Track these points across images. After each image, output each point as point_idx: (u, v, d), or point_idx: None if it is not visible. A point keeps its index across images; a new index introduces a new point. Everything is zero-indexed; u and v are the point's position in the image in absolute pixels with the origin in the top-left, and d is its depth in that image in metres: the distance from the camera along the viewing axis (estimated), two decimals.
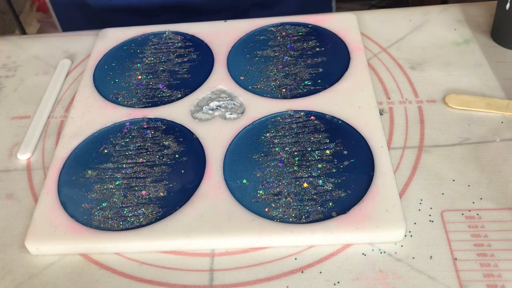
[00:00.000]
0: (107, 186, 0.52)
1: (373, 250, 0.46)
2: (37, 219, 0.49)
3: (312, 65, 0.62)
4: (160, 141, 0.56)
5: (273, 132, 0.55)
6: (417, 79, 0.61)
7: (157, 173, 0.52)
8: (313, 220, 0.47)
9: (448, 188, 0.50)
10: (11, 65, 0.70)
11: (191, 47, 0.67)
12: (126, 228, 0.48)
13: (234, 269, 0.46)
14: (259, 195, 0.49)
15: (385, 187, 0.48)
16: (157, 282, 0.45)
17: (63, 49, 0.72)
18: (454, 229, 0.47)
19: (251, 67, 0.63)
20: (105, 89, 0.63)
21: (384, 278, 0.44)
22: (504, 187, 0.49)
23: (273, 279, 0.45)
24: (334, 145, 0.53)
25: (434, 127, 0.55)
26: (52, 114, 0.62)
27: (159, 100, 0.61)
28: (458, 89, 0.59)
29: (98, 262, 0.47)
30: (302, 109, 0.57)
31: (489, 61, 0.62)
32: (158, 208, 0.49)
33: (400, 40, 0.66)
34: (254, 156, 0.53)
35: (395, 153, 0.53)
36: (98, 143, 0.56)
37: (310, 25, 0.68)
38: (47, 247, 0.48)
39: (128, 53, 0.68)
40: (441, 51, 0.64)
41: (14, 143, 0.59)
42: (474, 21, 0.68)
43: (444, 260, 0.45)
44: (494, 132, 0.54)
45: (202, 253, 0.47)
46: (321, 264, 0.45)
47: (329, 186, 0.49)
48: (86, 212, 0.50)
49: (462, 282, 0.43)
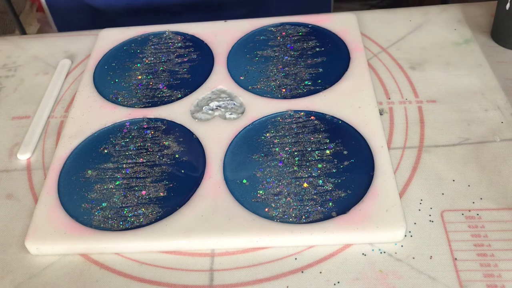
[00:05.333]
0: (107, 186, 0.52)
1: (373, 250, 0.46)
2: (37, 219, 0.49)
3: (312, 65, 0.62)
4: (160, 141, 0.56)
5: (273, 132, 0.55)
6: (417, 79, 0.61)
7: (157, 173, 0.52)
8: (313, 220, 0.47)
9: (448, 188, 0.50)
10: (11, 65, 0.70)
11: (191, 47, 0.67)
12: (126, 228, 0.48)
13: (234, 269, 0.46)
14: (259, 195, 0.49)
15: (385, 187, 0.48)
16: (157, 282, 0.45)
17: (63, 49, 0.72)
18: (454, 229, 0.47)
19: (251, 67, 0.63)
20: (105, 89, 0.63)
21: (384, 278, 0.44)
22: (504, 187, 0.49)
23: (273, 279, 0.45)
24: (334, 145, 0.53)
25: (434, 127, 0.55)
26: (52, 114, 0.62)
27: (159, 100, 0.61)
28: (458, 89, 0.59)
29: (98, 262, 0.47)
30: (302, 109, 0.57)
31: (489, 61, 0.62)
32: (158, 208, 0.49)
33: (400, 40, 0.66)
34: (254, 156, 0.53)
35: (395, 153, 0.53)
36: (98, 143, 0.56)
37: (310, 25, 0.68)
38: (47, 247, 0.48)
39: (128, 53, 0.68)
40: (441, 51, 0.64)
41: (14, 143, 0.59)
42: (474, 21, 0.68)
43: (444, 260, 0.45)
44: (494, 132, 0.54)
45: (202, 253, 0.47)
46: (321, 264, 0.45)
47: (329, 186, 0.49)
48: (86, 212, 0.50)
49: (462, 282, 0.43)
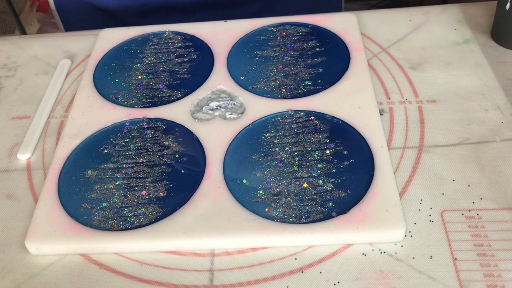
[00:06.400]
0: (107, 186, 0.52)
1: (373, 250, 0.46)
2: (37, 219, 0.49)
3: (312, 65, 0.62)
4: (160, 141, 0.56)
5: (273, 132, 0.55)
6: (417, 79, 0.61)
7: (157, 173, 0.52)
8: (313, 220, 0.47)
9: (448, 188, 0.50)
10: (11, 65, 0.70)
11: (191, 47, 0.67)
12: (126, 228, 0.48)
13: (234, 269, 0.46)
14: (259, 195, 0.49)
15: (385, 187, 0.48)
16: (157, 282, 0.45)
17: (63, 49, 0.72)
18: (454, 229, 0.47)
19: (251, 67, 0.63)
20: (105, 89, 0.63)
21: (384, 278, 0.44)
22: (504, 187, 0.49)
23: (273, 279, 0.45)
24: (334, 145, 0.53)
25: (434, 127, 0.55)
26: (52, 114, 0.62)
27: (159, 100, 0.60)
28: (458, 89, 0.59)
29: (98, 262, 0.47)
30: (302, 109, 0.57)
31: (489, 61, 0.62)
32: (158, 208, 0.49)
33: (400, 40, 0.66)
34: (254, 156, 0.53)
35: (395, 153, 0.53)
36: (98, 143, 0.56)
37: (310, 25, 0.68)
38: (47, 247, 0.48)
39: (128, 53, 0.68)
40: (441, 51, 0.64)
41: (14, 143, 0.59)
42: (474, 21, 0.68)
43: (444, 260, 0.45)
44: (494, 132, 0.54)
45: (202, 253, 0.47)
46: (321, 264, 0.45)
47: (329, 186, 0.49)
48: (86, 212, 0.50)
49: (462, 282, 0.43)
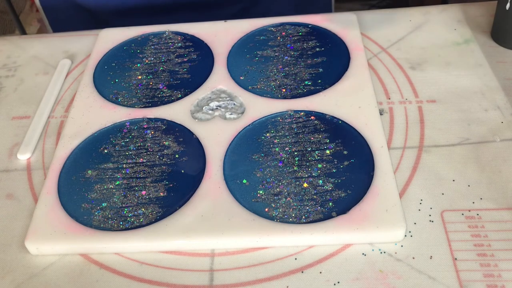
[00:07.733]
0: (107, 186, 0.52)
1: (373, 250, 0.46)
2: (37, 219, 0.49)
3: (312, 65, 0.62)
4: (160, 141, 0.56)
5: (273, 132, 0.55)
6: (417, 79, 0.61)
7: (157, 173, 0.52)
8: (313, 220, 0.47)
9: (448, 188, 0.50)
10: (11, 65, 0.70)
11: (191, 47, 0.67)
12: (126, 228, 0.48)
13: (234, 269, 0.46)
14: (259, 195, 0.49)
15: (385, 187, 0.48)
16: (157, 282, 0.45)
17: (63, 49, 0.72)
18: (454, 229, 0.47)
19: (251, 67, 0.63)
20: (105, 89, 0.63)
21: (384, 278, 0.44)
22: (504, 187, 0.49)
23: (273, 279, 0.45)
24: (334, 145, 0.53)
25: (434, 127, 0.55)
26: (52, 114, 0.62)
27: (159, 100, 0.61)
28: (458, 89, 0.59)
29: (98, 262, 0.47)
30: (302, 109, 0.57)
31: (489, 61, 0.62)
32: (158, 208, 0.49)
33: (400, 40, 0.66)
34: (254, 156, 0.53)
35: (395, 153, 0.53)
36: (98, 143, 0.56)
37: (310, 25, 0.68)
38: (47, 247, 0.48)
39: (128, 53, 0.68)
40: (441, 51, 0.64)
41: (14, 143, 0.59)
42: (474, 21, 0.68)
43: (444, 260, 0.45)
44: (494, 132, 0.54)
45: (202, 253, 0.47)
46: (321, 264, 0.45)
47: (329, 186, 0.49)
48: (86, 212, 0.50)
49: (462, 282, 0.43)
